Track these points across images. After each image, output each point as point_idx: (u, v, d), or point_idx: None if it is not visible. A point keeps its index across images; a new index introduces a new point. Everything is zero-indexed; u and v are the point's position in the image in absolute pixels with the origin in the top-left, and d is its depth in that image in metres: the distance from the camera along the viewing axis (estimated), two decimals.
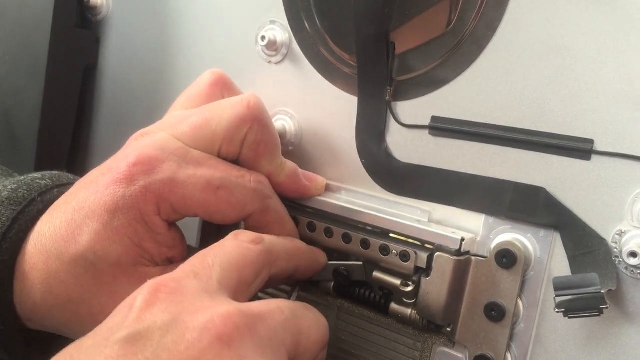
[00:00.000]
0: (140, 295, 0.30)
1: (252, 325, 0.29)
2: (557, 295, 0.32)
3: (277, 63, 0.49)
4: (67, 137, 0.59)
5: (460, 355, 0.41)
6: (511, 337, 0.39)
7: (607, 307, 0.31)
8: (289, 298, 0.45)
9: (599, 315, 0.31)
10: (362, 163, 0.45)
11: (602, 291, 0.31)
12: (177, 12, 0.55)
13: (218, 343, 0.27)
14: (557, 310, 0.32)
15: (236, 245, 0.35)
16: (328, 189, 0.47)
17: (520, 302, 0.39)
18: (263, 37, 0.48)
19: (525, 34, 0.39)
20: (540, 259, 0.38)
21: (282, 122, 0.49)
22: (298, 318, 0.34)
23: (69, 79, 0.59)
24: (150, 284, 0.31)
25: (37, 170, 0.57)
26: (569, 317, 0.32)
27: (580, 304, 0.31)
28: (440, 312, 0.39)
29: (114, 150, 0.54)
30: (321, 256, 0.44)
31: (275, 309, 0.32)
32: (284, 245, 0.39)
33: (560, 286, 0.32)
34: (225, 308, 0.29)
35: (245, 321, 0.29)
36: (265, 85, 0.50)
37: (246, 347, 0.28)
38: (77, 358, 0.28)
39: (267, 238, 0.38)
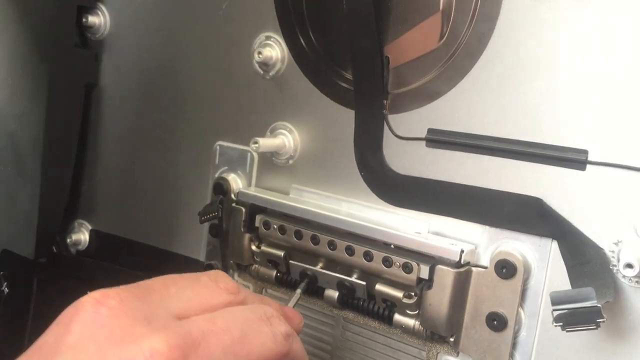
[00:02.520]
0: (77, 316, 0.28)
1: (180, 358, 0.27)
2: (554, 310, 0.33)
3: (273, 78, 0.50)
4: (72, 157, 0.60)
5: None
6: (513, 345, 0.39)
7: (603, 321, 0.31)
8: (288, 301, 0.45)
9: (596, 329, 0.32)
10: (362, 175, 0.46)
11: (599, 305, 0.31)
12: (174, 29, 0.55)
13: None
14: (554, 324, 0.33)
15: (208, 287, 0.34)
16: (329, 202, 0.47)
17: (521, 311, 0.39)
18: (259, 53, 0.48)
19: (516, 47, 0.39)
20: (539, 269, 0.39)
21: (282, 136, 0.49)
22: (248, 336, 0.31)
23: (70, 98, 0.59)
24: (92, 298, 0.29)
25: (42, 191, 0.58)
26: (567, 331, 0.32)
27: (578, 318, 0.32)
28: (443, 324, 0.40)
29: (119, 166, 0.55)
30: (293, 323, 0.39)
31: (220, 329, 0.30)
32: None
33: (557, 300, 0.33)
34: (152, 343, 0.27)
35: (171, 356, 0.27)
36: (262, 99, 0.51)
37: None
38: None
39: (243, 292, 0.36)
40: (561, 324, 0.32)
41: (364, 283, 0.43)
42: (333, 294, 0.45)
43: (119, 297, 0.29)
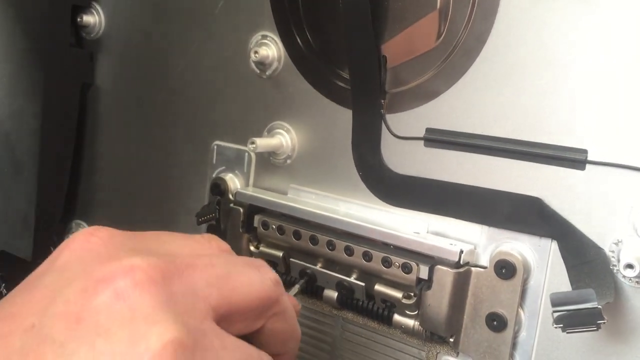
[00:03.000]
0: (70, 242, 0.29)
1: (161, 279, 0.27)
2: (554, 311, 0.33)
3: (270, 77, 0.49)
4: (68, 157, 0.60)
5: None
6: (513, 346, 0.39)
7: (604, 322, 0.31)
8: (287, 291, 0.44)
9: (596, 330, 0.32)
10: (360, 175, 0.46)
11: (599, 306, 0.31)
12: (170, 28, 0.55)
13: (113, 297, 0.25)
14: (555, 325, 0.32)
15: (198, 242, 0.33)
16: (327, 202, 0.47)
17: (521, 312, 0.39)
18: (256, 52, 0.48)
19: (514, 46, 0.39)
20: (539, 269, 0.38)
21: (279, 136, 0.49)
22: (232, 273, 0.30)
23: (66, 98, 0.59)
24: (85, 230, 0.29)
25: (39, 192, 0.58)
26: (568, 332, 0.32)
27: (578, 319, 0.32)
28: (443, 324, 0.40)
29: (116, 166, 0.55)
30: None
31: (204, 263, 0.29)
32: None
33: (557, 302, 0.33)
34: (134, 260, 0.27)
35: (151, 275, 0.26)
36: (258, 99, 0.50)
37: (141, 301, 0.26)
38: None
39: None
40: (562, 325, 0.32)
41: (363, 284, 0.43)
42: (332, 294, 0.45)
43: (110, 232, 0.29)
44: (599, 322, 0.31)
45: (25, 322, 0.25)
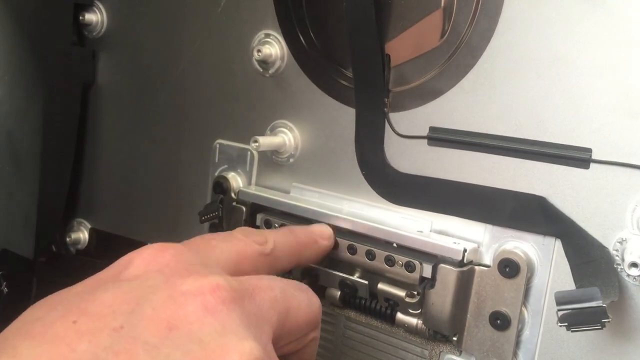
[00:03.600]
0: (139, 255, 0.30)
1: (239, 299, 0.29)
2: (559, 310, 0.33)
3: (273, 76, 0.49)
4: (70, 155, 0.60)
5: None
6: (517, 344, 0.39)
7: (609, 321, 0.31)
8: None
9: (601, 329, 0.32)
10: (363, 174, 0.46)
11: (604, 305, 0.31)
12: (172, 26, 0.55)
13: (202, 310, 0.27)
14: (559, 324, 0.32)
15: (241, 240, 0.36)
16: (330, 200, 0.47)
17: (524, 310, 0.39)
18: (259, 51, 0.48)
19: (519, 44, 0.39)
20: (542, 267, 0.38)
21: (282, 134, 0.49)
22: (287, 297, 0.33)
23: (68, 96, 0.59)
24: (152, 246, 0.31)
25: (41, 190, 0.58)
26: (572, 331, 0.32)
27: (583, 318, 0.32)
28: (446, 323, 0.40)
29: (118, 165, 0.54)
30: (324, 244, 0.44)
31: (266, 286, 0.32)
32: (288, 245, 0.40)
33: (562, 300, 0.33)
34: (217, 279, 0.29)
35: (233, 295, 0.29)
36: (261, 97, 0.50)
37: (229, 318, 0.28)
38: (61, 301, 0.27)
39: (272, 240, 0.38)
40: (566, 324, 0.32)
41: (366, 282, 0.43)
42: (335, 292, 0.45)
43: (175, 248, 0.31)
44: (603, 320, 0.31)
45: (113, 322, 0.25)
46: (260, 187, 0.51)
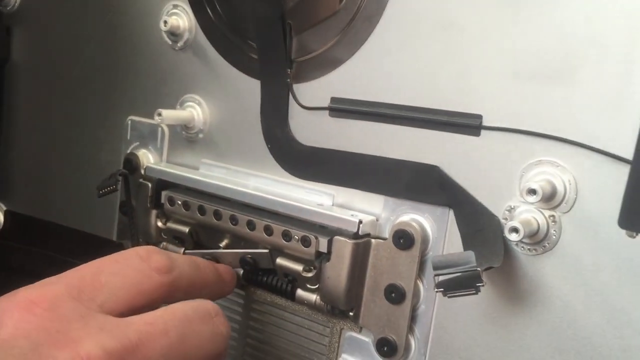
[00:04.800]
0: (8, 313, 0.28)
1: None
2: (435, 275, 0.32)
3: (182, 49, 0.48)
4: None
5: (367, 339, 0.40)
6: (413, 319, 0.38)
7: (483, 285, 0.30)
8: None
9: (475, 294, 0.30)
10: (269, 148, 0.44)
11: (478, 269, 0.30)
12: (84, 1, 0.53)
13: None
14: (436, 290, 0.31)
15: (138, 270, 0.33)
16: (238, 176, 0.46)
17: (419, 284, 0.38)
18: (165, 22, 0.47)
19: (412, 10, 0.38)
20: (437, 239, 0.37)
21: (190, 109, 0.48)
22: (186, 339, 0.31)
23: None
24: (22, 298, 0.28)
25: None
26: (448, 297, 0.31)
27: (458, 283, 0.31)
28: (342, 297, 0.39)
29: (33, 144, 0.52)
30: (227, 285, 0.42)
31: (160, 331, 0.30)
32: (191, 279, 0.37)
33: (438, 265, 0.31)
34: (90, 349, 0.27)
35: None
36: (172, 71, 0.49)
37: None
38: None
39: (177, 269, 0.35)
40: (442, 289, 0.31)
41: (266, 251, 0.42)
42: (238, 271, 0.44)
43: (54, 297, 0.29)
44: (478, 285, 0.30)
45: None
46: (170, 164, 0.49)
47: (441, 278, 0.31)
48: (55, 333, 0.27)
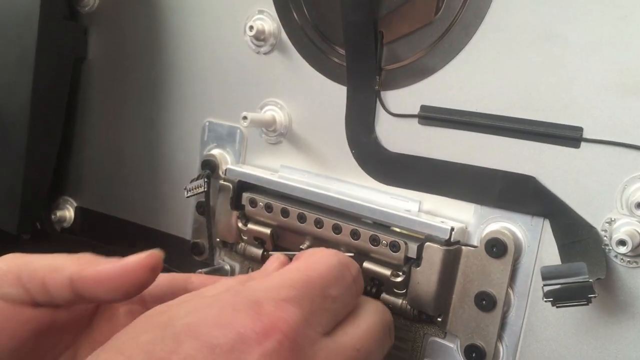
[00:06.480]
0: (263, 340, 0.27)
1: None
2: (544, 285, 0.32)
3: (266, 53, 0.49)
4: (58, 131, 0.59)
5: (451, 345, 0.41)
6: (502, 326, 0.39)
7: (595, 296, 0.31)
8: None
9: (587, 304, 0.31)
10: (352, 153, 0.45)
11: (590, 280, 0.31)
12: (165, 3, 0.54)
13: None
14: (545, 299, 0.32)
15: (350, 293, 0.34)
16: (319, 180, 0.46)
17: (510, 292, 0.38)
18: (251, 27, 0.47)
19: (513, 21, 0.38)
20: (530, 248, 0.38)
21: (272, 112, 0.48)
22: (374, 357, 0.33)
23: (58, 71, 0.58)
24: (276, 327, 0.27)
25: (27, 166, 0.57)
26: (557, 307, 0.31)
27: (568, 293, 0.31)
28: (431, 302, 0.39)
29: (107, 142, 0.53)
30: None
31: (362, 357, 0.31)
32: None
33: (548, 275, 0.32)
34: None
35: None
36: (254, 75, 0.50)
37: None
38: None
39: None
40: (551, 299, 0.31)
41: (352, 254, 0.42)
42: None
43: (295, 324, 0.28)
44: (590, 296, 0.30)
45: None
46: (249, 166, 0.50)
47: (549, 288, 0.32)
48: None
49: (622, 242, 0.32)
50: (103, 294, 0.32)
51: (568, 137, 0.36)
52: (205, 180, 0.47)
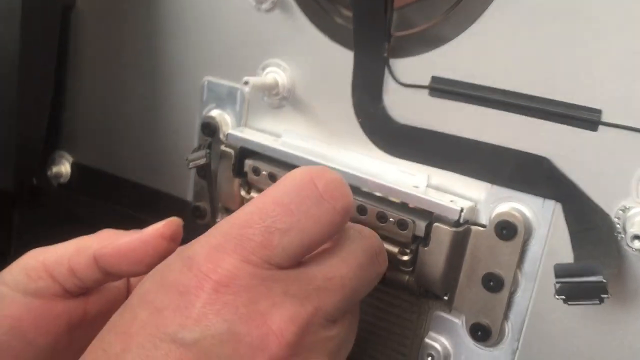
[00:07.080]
0: (199, 292, 0.27)
1: (307, 338, 0.28)
2: (557, 282, 0.32)
3: (267, 10, 0.46)
4: (50, 83, 0.57)
5: (456, 320, 0.41)
6: (508, 305, 0.39)
7: (608, 297, 0.30)
8: None
9: (599, 304, 0.31)
10: (359, 122, 0.43)
11: (605, 280, 0.30)
12: None
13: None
14: (557, 297, 0.31)
15: (323, 215, 0.31)
16: (323, 148, 0.45)
17: (518, 273, 0.38)
18: None
19: None
20: (540, 231, 0.37)
21: (274, 74, 0.46)
22: (357, 289, 0.32)
23: (46, 21, 0.55)
24: (207, 278, 0.28)
25: (20, 120, 0.55)
26: (569, 304, 0.31)
27: (581, 292, 0.31)
28: (438, 282, 0.39)
29: (102, 97, 0.51)
30: None
31: (337, 287, 0.30)
32: None
33: (561, 273, 0.31)
34: (281, 321, 0.27)
35: (300, 340, 0.28)
36: (255, 34, 0.47)
37: None
38: (115, 354, 0.26)
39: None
40: (564, 297, 0.31)
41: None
42: None
43: (233, 268, 0.28)
44: (603, 296, 0.30)
45: None
46: (250, 130, 0.48)
47: (562, 286, 0.31)
48: (244, 309, 0.27)
49: (637, 237, 0.31)
50: (126, 267, 0.34)
51: (585, 119, 0.35)
52: (207, 151, 0.46)
